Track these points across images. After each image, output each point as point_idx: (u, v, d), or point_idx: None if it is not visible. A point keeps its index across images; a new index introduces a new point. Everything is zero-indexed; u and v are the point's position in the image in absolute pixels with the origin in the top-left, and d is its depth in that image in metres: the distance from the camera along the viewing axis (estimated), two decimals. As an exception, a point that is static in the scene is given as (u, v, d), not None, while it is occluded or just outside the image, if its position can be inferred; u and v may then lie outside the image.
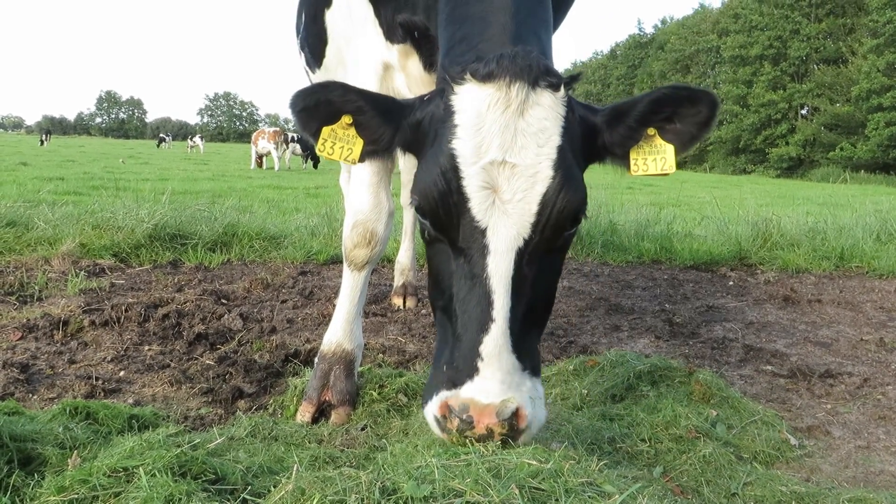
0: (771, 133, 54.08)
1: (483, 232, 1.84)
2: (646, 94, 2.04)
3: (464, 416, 1.77)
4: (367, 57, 2.79)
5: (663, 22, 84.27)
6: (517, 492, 1.39)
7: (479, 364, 1.80)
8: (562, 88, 1.90)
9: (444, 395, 1.84)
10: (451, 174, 1.84)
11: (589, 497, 1.46)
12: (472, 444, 1.75)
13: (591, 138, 2.05)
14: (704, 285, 5.71)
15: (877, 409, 3.10)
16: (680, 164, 2.13)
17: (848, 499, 2.11)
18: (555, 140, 1.87)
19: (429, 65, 2.69)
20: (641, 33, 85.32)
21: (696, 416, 2.64)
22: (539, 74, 1.84)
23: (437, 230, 1.94)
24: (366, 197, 2.80)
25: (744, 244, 6.85)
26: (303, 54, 3.98)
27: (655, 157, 2.08)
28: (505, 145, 1.83)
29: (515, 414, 1.77)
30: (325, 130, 2.04)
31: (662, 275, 6.08)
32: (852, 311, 4.96)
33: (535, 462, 1.56)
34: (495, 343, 1.80)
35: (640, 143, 2.08)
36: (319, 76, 3.66)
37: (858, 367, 3.70)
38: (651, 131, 2.06)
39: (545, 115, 1.86)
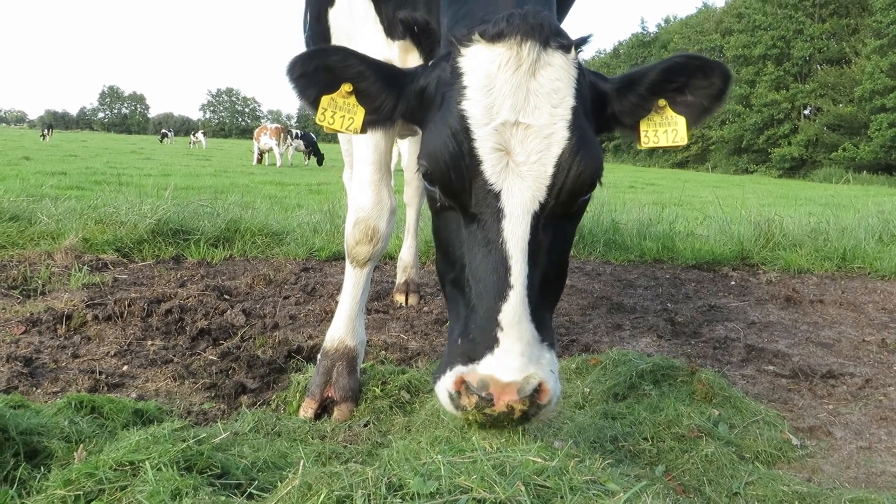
0: (773, 133, 54.03)
1: (497, 195, 1.78)
2: (658, 62, 2.00)
3: (483, 394, 1.66)
4: (367, 53, 2.80)
5: (666, 21, 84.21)
6: (522, 489, 1.40)
7: (499, 334, 1.70)
8: (572, 50, 1.85)
9: (459, 370, 1.72)
10: (462, 136, 1.78)
11: (593, 495, 1.47)
12: (484, 443, 1.70)
13: (601, 106, 2.01)
14: (706, 285, 5.71)
15: (878, 410, 3.10)
16: (682, 164, 2.12)
17: (849, 499, 2.12)
18: (569, 101, 1.81)
19: (429, 60, 2.69)
20: (645, 32, 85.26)
21: (698, 416, 2.65)
22: (550, 34, 1.79)
23: (447, 196, 1.86)
24: (368, 194, 2.80)
25: (746, 244, 6.85)
26: (308, 51, 3.98)
27: (667, 128, 2.04)
28: (517, 106, 1.77)
29: (538, 389, 1.68)
30: (325, 99, 1.98)
31: (664, 274, 6.08)
32: (854, 311, 4.96)
33: (539, 460, 1.57)
34: (514, 311, 1.71)
35: (651, 113, 2.04)
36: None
37: (860, 367, 3.70)
38: (662, 102, 2.02)
39: (557, 75, 1.80)
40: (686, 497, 2.12)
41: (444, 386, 1.76)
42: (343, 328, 2.89)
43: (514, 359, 1.69)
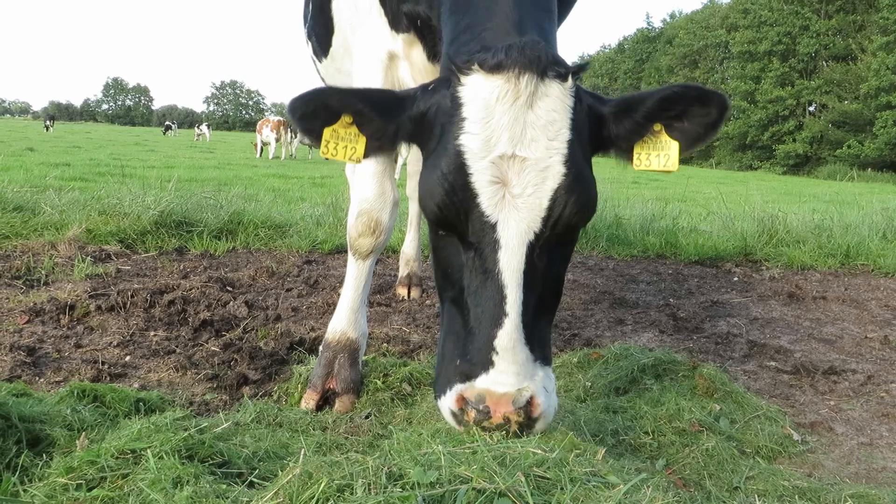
0: (778, 130, 53.84)
1: (493, 227, 1.83)
2: (656, 90, 2.02)
3: (480, 407, 1.79)
4: (372, 46, 2.79)
5: (672, 16, 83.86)
6: (523, 479, 1.40)
7: (494, 357, 1.82)
8: (570, 78, 1.88)
9: (458, 388, 1.86)
10: (460, 169, 1.83)
11: (593, 486, 1.47)
12: (485, 435, 1.76)
13: (598, 129, 2.04)
14: (709, 280, 5.71)
15: (880, 407, 3.10)
16: (686, 160, 2.13)
17: (850, 495, 2.12)
18: (564, 133, 1.85)
19: (432, 55, 2.68)
20: (650, 27, 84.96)
21: (699, 410, 2.65)
22: (547, 65, 1.82)
23: (444, 226, 1.92)
24: (371, 186, 2.80)
25: (749, 240, 6.83)
26: (310, 43, 3.98)
27: (659, 153, 2.07)
28: (514, 139, 1.81)
29: (529, 402, 1.80)
30: (327, 132, 2.02)
31: (667, 269, 6.08)
32: (857, 308, 4.95)
33: (540, 451, 1.57)
34: (509, 337, 1.81)
35: (646, 137, 2.06)
36: (326, 65, 3.67)
37: (862, 364, 3.70)
38: (658, 127, 2.05)
39: (554, 106, 1.84)
40: (686, 491, 2.12)
41: (447, 405, 1.91)
42: (345, 320, 2.90)
43: (507, 376, 1.82)
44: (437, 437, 1.81)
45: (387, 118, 2.04)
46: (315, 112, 1.99)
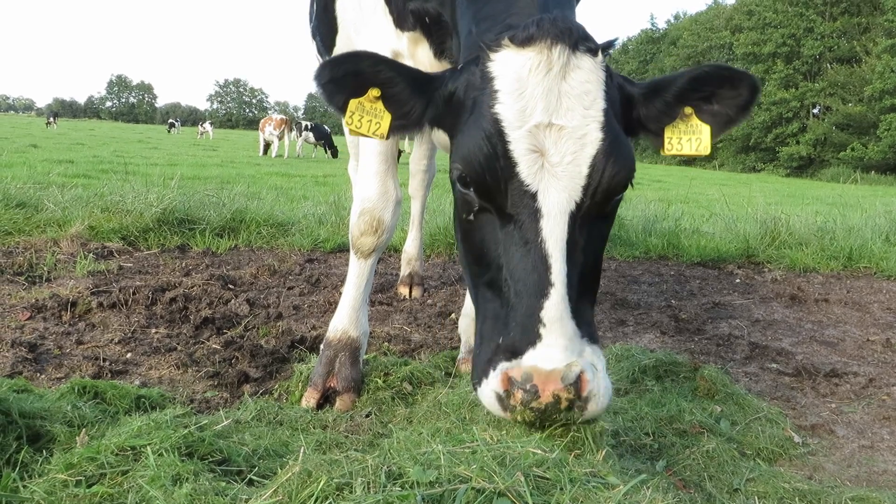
0: (782, 131, 53.81)
1: (533, 196, 1.80)
2: (686, 70, 2.02)
3: (527, 387, 1.69)
4: (375, 45, 2.79)
5: (676, 17, 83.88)
6: (522, 479, 1.40)
7: (541, 330, 1.73)
8: (600, 53, 1.88)
9: (503, 366, 1.75)
10: (497, 139, 1.80)
11: (593, 487, 1.47)
12: (485, 435, 1.71)
13: (628, 109, 2.03)
14: (711, 282, 5.70)
15: (882, 410, 3.09)
16: (689, 161, 2.13)
17: (850, 497, 2.11)
18: (599, 103, 1.84)
19: (439, 52, 2.68)
20: (654, 28, 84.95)
21: (700, 412, 2.65)
22: (578, 38, 1.82)
23: (482, 198, 1.87)
24: (373, 185, 2.80)
25: (752, 242, 6.82)
26: (314, 42, 3.99)
27: (691, 136, 2.05)
28: (550, 108, 1.79)
29: (579, 379, 1.70)
30: (353, 103, 1.98)
31: (669, 271, 6.07)
32: (859, 311, 4.94)
33: (539, 451, 1.57)
34: (556, 307, 1.74)
35: (676, 121, 2.05)
36: (330, 63, 3.66)
37: (864, 367, 3.69)
38: (688, 110, 2.04)
39: (587, 77, 1.83)
40: (686, 492, 2.12)
41: (491, 387, 1.77)
42: (346, 319, 2.90)
43: (556, 351, 1.72)
44: (438, 436, 1.81)
45: (415, 92, 2.01)
46: (344, 77, 1.95)
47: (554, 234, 1.79)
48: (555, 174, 1.80)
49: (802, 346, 4.03)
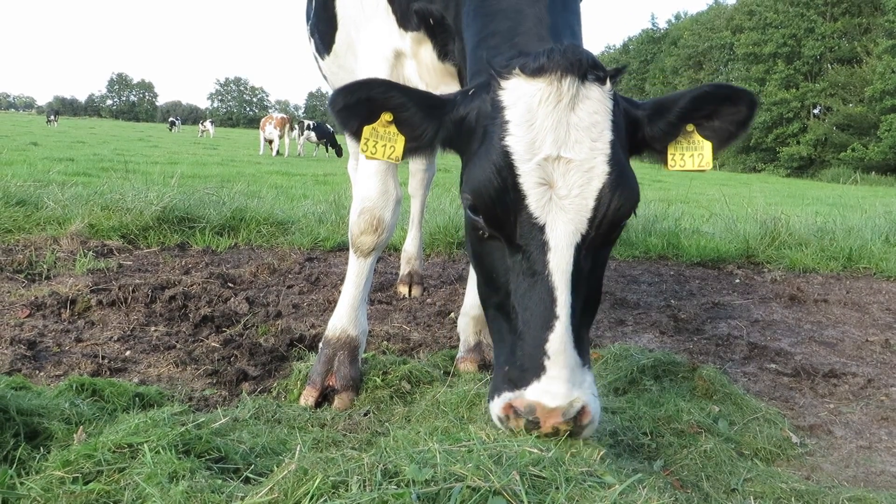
0: (782, 132, 53.75)
1: (541, 228, 1.84)
2: (687, 90, 2.07)
3: (530, 417, 1.77)
4: (378, 44, 2.79)
5: (677, 17, 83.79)
6: (518, 478, 1.40)
7: (546, 362, 1.79)
8: (608, 82, 1.90)
9: (507, 396, 1.83)
10: (507, 171, 1.83)
11: (589, 486, 1.47)
12: (482, 434, 1.75)
13: (634, 132, 2.06)
14: (711, 282, 5.70)
15: (880, 410, 3.09)
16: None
17: (848, 498, 2.11)
18: (607, 135, 1.87)
19: (442, 54, 2.68)
20: (655, 28, 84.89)
21: (698, 412, 2.65)
22: (587, 68, 1.84)
23: (492, 227, 1.92)
24: (373, 184, 2.80)
25: (751, 242, 6.82)
26: (312, 41, 3.97)
27: (693, 152, 2.10)
28: (559, 141, 1.82)
29: (581, 411, 1.78)
30: (367, 130, 2.02)
31: (669, 271, 6.07)
32: (858, 311, 4.94)
33: (536, 450, 1.57)
34: (560, 340, 1.79)
35: (679, 138, 2.10)
36: (329, 62, 3.66)
37: (863, 367, 3.69)
38: (690, 127, 2.08)
39: (595, 108, 1.86)
40: (683, 492, 2.12)
41: (494, 411, 1.88)
42: (345, 317, 2.90)
43: (559, 385, 1.78)
44: (435, 435, 1.81)
45: (427, 116, 2.04)
46: (357, 104, 1.99)
47: (560, 266, 1.83)
48: (562, 207, 1.83)
49: (801, 346, 4.03)
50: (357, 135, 2.03)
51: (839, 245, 6.82)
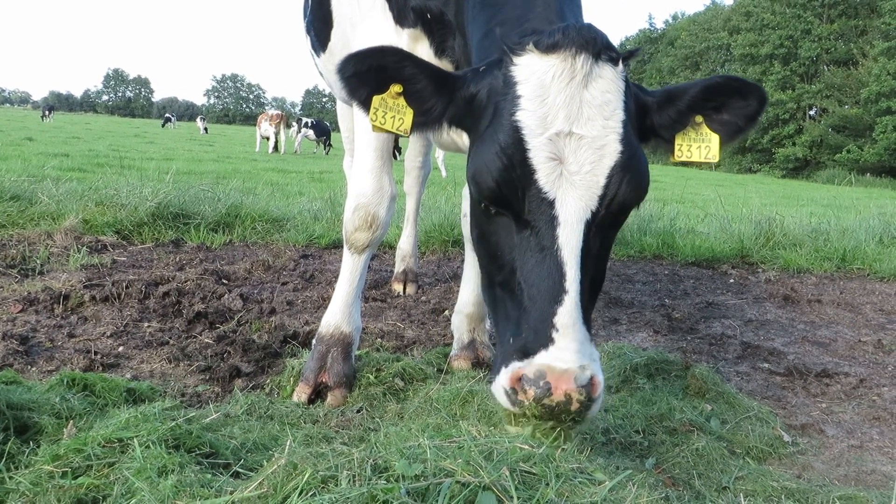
0: (778, 133, 53.89)
1: (551, 203, 1.82)
2: (699, 80, 2.07)
3: (540, 384, 1.71)
4: (373, 41, 2.78)
5: (674, 18, 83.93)
6: (507, 474, 1.40)
7: (554, 335, 1.76)
8: (620, 63, 1.90)
9: (515, 365, 1.78)
10: (517, 146, 1.82)
11: (579, 483, 1.47)
12: (472, 430, 1.73)
13: (643, 118, 2.06)
14: (705, 282, 5.71)
15: (871, 410, 3.11)
16: (685, 162, 2.15)
17: (839, 496, 2.12)
18: (619, 114, 1.86)
19: (440, 50, 2.67)
20: (652, 28, 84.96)
21: (690, 410, 2.66)
22: (602, 48, 1.84)
23: (499, 203, 1.89)
24: (368, 181, 2.80)
25: (746, 242, 6.83)
26: (308, 38, 3.96)
27: (700, 144, 2.10)
28: (571, 117, 1.81)
29: (590, 381, 1.74)
30: (376, 99, 2.00)
31: (663, 270, 6.08)
32: (852, 312, 4.95)
33: (526, 447, 1.57)
34: (570, 314, 1.77)
35: (687, 129, 2.10)
36: (325, 59, 3.65)
37: (855, 367, 3.70)
38: (699, 119, 2.08)
39: (608, 87, 1.85)
40: (675, 490, 2.12)
41: (501, 384, 1.81)
42: (339, 314, 2.89)
43: (570, 353, 1.75)
44: (427, 431, 1.81)
45: (437, 90, 2.02)
46: (368, 71, 1.96)
47: (570, 242, 1.81)
48: (573, 183, 1.82)
49: (794, 346, 4.04)
50: (366, 104, 2.00)
51: (833, 246, 6.84)
